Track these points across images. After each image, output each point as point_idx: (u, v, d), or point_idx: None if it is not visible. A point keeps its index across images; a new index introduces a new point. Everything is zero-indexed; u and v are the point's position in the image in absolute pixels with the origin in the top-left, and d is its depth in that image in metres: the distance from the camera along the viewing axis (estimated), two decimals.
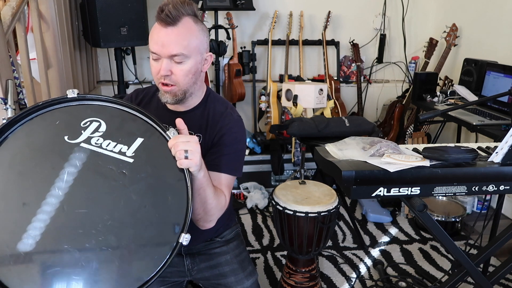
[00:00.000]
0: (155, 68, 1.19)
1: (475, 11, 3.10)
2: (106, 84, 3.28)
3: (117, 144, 0.99)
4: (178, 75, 1.19)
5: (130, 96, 1.42)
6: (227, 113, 1.32)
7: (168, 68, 1.17)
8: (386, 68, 3.70)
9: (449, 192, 1.15)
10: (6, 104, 1.41)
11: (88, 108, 0.99)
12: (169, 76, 1.18)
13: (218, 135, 1.29)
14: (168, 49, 1.15)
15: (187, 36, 1.16)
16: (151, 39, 1.18)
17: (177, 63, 1.17)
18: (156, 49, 1.16)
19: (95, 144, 0.98)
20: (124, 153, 0.98)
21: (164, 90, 1.22)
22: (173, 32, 1.14)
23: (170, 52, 1.15)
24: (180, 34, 1.15)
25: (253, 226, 2.68)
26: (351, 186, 1.11)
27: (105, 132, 0.98)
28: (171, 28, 1.14)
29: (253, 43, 3.33)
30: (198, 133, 1.30)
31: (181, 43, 1.15)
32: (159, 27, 1.15)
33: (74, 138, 0.98)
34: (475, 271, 1.36)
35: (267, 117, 3.31)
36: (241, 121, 1.34)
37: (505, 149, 1.16)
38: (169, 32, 1.14)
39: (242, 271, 1.43)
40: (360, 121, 2.52)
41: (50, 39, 2.16)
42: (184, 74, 1.19)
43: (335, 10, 3.41)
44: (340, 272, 2.21)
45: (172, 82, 1.20)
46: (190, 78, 1.22)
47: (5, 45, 1.56)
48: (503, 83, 2.43)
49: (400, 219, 2.78)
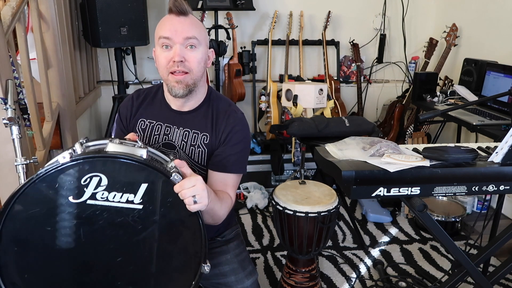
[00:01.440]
0: (166, 57, 1.20)
1: (475, 11, 3.10)
2: (106, 84, 3.28)
3: (123, 194, 0.98)
4: (191, 61, 1.21)
5: (131, 97, 1.40)
6: (231, 111, 1.33)
7: (182, 54, 1.19)
8: (386, 68, 3.70)
9: (449, 192, 1.15)
10: (6, 104, 1.41)
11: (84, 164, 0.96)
12: (183, 63, 1.20)
13: (224, 133, 1.29)
14: (182, 32, 1.18)
15: (198, 25, 1.23)
16: (161, 28, 1.20)
17: (190, 49, 1.20)
18: (169, 34, 1.18)
19: (101, 198, 0.98)
20: (132, 201, 0.99)
21: (176, 79, 1.21)
22: (186, 20, 1.20)
23: (185, 34, 1.18)
24: (193, 22, 1.22)
25: (253, 226, 2.68)
26: (351, 186, 1.11)
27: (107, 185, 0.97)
28: (184, 17, 1.20)
29: (253, 43, 3.33)
30: (204, 132, 1.30)
31: (195, 29, 1.20)
32: (172, 16, 1.20)
33: (78, 197, 0.97)
34: (475, 271, 1.36)
35: (267, 117, 3.31)
36: (244, 118, 1.36)
37: (505, 149, 1.16)
38: (182, 20, 1.19)
39: (242, 270, 1.43)
40: (360, 121, 2.52)
41: (50, 39, 2.16)
42: (198, 61, 1.22)
43: (335, 10, 3.41)
44: (340, 272, 2.20)
45: (186, 69, 1.21)
46: (202, 67, 1.24)
47: (5, 45, 1.56)
48: (503, 83, 2.43)
49: (400, 219, 2.78)
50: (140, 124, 1.36)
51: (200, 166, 1.32)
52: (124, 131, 1.39)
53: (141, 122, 1.36)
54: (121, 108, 1.41)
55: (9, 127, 1.36)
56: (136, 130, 1.36)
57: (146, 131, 1.35)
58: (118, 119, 1.41)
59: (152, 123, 1.35)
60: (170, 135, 1.33)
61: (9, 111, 1.39)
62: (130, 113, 1.38)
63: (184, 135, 1.32)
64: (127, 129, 1.38)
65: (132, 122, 1.37)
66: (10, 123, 1.36)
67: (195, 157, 1.31)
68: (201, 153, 1.31)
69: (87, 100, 2.86)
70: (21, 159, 1.36)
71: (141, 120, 1.36)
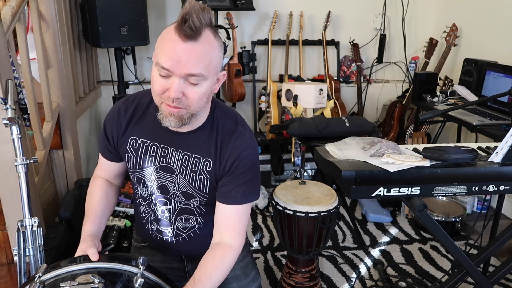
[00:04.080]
0: (161, 86, 0.98)
1: (475, 11, 3.10)
2: (106, 84, 3.28)
3: None
4: (191, 98, 0.99)
5: (117, 111, 1.18)
6: (238, 132, 1.14)
7: (180, 90, 0.97)
8: (386, 68, 3.70)
9: (449, 192, 1.15)
10: (6, 104, 1.41)
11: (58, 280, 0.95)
12: (179, 99, 0.99)
13: (230, 160, 1.12)
14: (185, 67, 0.95)
15: (209, 54, 0.97)
16: (162, 51, 0.96)
17: (192, 85, 0.98)
18: (169, 65, 0.95)
19: None
20: None
21: (169, 111, 1.01)
22: (194, 49, 0.94)
23: (187, 71, 0.95)
24: (202, 52, 0.95)
25: (253, 226, 2.68)
26: (351, 186, 1.11)
27: None
28: (192, 44, 0.94)
29: (253, 43, 3.33)
30: (207, 158, 1.14)
31: (202, 62, 0.96)
32: (177, 40, 0.93)
33: None
34: (475, 271, 1.36)
35: (267, 117, 3.31)
36: (253, 138, 1.17)
37: (505, 149, 1.16)
38: (189, 48, 0.94)
39: (245, 277, 1.38)
40: (360, 121, 2.52)
41: (50, 39, 2.16)
42: (199, 98, 1.00)
43: (335, 10, 3.41)
44: (340, 272, 2.20)
45: (182, 105, 1.00)
46: (203, 102, 1.03)
47: (5, 45, 1.56)
48: (503, 83, 2.43)
49: (400, 219, 2.78)
50: (132, 144, 1.17)
51: (202, 193, 1.18)
52: (112, 151, 1.23)
53: (132, 141, 1.17)
54: (106, 124, 1.20)
55: (9, 127, 1.36)
56: (127, 150, 1.18)
57: (140, 152, 1.17)
58: (103, 136, 1.21)
59: (145, 142, 1.16)
60: (168, 158, 1.15)
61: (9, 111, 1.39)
62: (117, 130, 1.18)
63: (183, 159, 1.15)
64: (115, 149, 1.21)
65: (121, 141, 1.18)
66: (10, 123, 1.36)
67: (196, 184, 1.16)
68: (203, 181, 1.16)
69: (87, 100, 2.86)
70: (21, 159, 1.36)
71: (132, 139, 1.17)
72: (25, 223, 1.34)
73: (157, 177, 1.18)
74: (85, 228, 1.16)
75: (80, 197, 2.02)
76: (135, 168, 1.19)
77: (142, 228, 1.33)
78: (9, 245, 1.72)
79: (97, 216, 1.19)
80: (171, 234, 1.26)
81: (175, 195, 1.19)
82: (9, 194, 1.64)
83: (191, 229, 1.26)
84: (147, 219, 1.28)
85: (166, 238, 1.28)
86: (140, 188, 1.23)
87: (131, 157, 1.18)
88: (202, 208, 1.22)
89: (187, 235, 1.27)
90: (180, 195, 1.19)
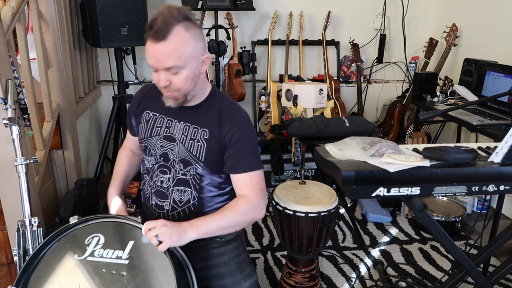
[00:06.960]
0: (155, 78, 1.25)
1: (475, 11, 3.10)
2: (106, 84, 3.28)
3: (114, 251, 1.17)
4: (177, 83, 1.24)
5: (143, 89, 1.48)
6: (236, 109, 1.37)
7: (166, 79, 1.22)
8: (386, 68, 3.70)
9: (449, 192, 1.15)
10: (6, 104, 1.41)
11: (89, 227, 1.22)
12: (168, 86, 1.24)
13: (230, 132, 1.31)
14: (162, 62, 1.19)
15: (179, 48, 1.18)
16: (146, 53, 1.21)
17: (174, 74, 1.22)
18: (152, 63, 1.21)
19: (97, 255, 1.17)
20: (121, 257, 1.16)
21: (166, 95, 1.29)
22: (164, 47, 1.16)
23: (164, 65, 1.19)
24: (171, 47, 1.17)
25: (253, 226, 2.68)
26: (351, 186, 1.11)
27: (104, 243, 1.19)
28: (162, 44, 1.16)
29: (253, 43, 3.33)
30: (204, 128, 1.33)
31: (174, 56, 1.18)
32: (150, 43, 1.17)
33: (81, 254, 1.17)
34: (475, 271, 1.36)
35: (267, 117, 3.31)
36: (248, 116, 1.40)
37: (505, 149, 1.16)
38: (160, 48, 1.16)
39: (239, 272, 1.42)
40: (360, 121, 2.52)
41: (50, 39, 2.16)
42: (183, 82, 1.24)
43: (335, 10, 3.41)
44: (340, 272, 2.21)
45: (173, 90, 1.26)
46: (189, 84, 1.26)
47: (5, 45, 1.56)
48: (503, 83, 2.44)
49: (400, 219, 2.78)
50: (145, 116, 1.43)
51: (197, 159, 1.34)
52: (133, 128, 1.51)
53: (146, 113, 1.43)
54: (135, 96, 1.51)
55: (9, 127, 1.36)
56: (141, 121, 1.43)
57: (150, 123, 1.41)
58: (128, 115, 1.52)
59: (155, 115, 1.41)
60: (171, 128, 1.37)
61: (9, 111, 1.39)
62: (137, 107, 1.46)
63: (184, 129, 1.35)
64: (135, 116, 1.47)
65: (139, 111, 1.45)
66: (10, 123, 1.36)
67: (193, 150, 1.34)
68: (200, 147, 1.33)
69: (87, 100, 2.86)
70: (21, 159, 1.36)
71: (146, 112, 1.43)
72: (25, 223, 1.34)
73: (161, 146, 1.38)
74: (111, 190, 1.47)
75: (80, 197, 2.01)
76: (144, 137, 1.41)
77: (145, 208, 1.47)
78: (9, 245, 1.72)
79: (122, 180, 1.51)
80: (168, 207, 1.38)
81: (175, 163, 1.36)
82: (9, 194, 1.64)
83: (186, 204, 1.37)
84: (149, 195, 1.42)
85: (163, 212, 1.39)
86: (146, 159, 1.42)
87: (142, 127, 1.42)
88: (197, 179, 1.36)
89: (182, 210, 1.37)
90: (179, 162, 1.35)
